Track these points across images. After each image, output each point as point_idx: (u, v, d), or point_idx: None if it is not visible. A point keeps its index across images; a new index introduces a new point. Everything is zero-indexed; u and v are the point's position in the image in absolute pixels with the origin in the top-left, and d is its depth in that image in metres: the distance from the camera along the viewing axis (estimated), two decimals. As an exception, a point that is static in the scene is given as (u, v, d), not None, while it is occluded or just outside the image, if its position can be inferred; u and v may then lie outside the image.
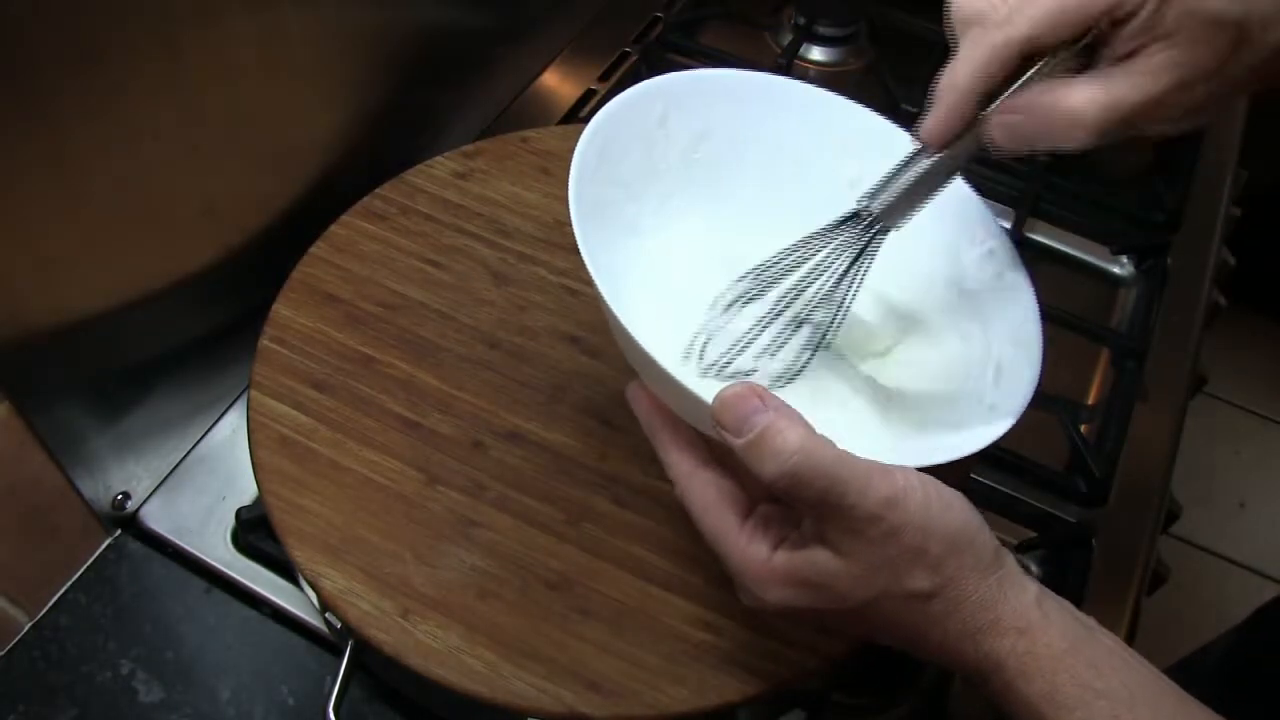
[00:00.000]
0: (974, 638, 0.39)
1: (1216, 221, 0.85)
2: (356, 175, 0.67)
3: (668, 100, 0.52)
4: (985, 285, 0.52)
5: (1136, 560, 0.64)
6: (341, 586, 0.50)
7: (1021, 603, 0.39)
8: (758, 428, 0.38)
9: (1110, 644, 0.40)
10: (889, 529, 0.37)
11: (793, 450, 0.37)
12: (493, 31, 0.80)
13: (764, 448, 0.37)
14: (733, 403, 0.38)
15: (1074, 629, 0.39)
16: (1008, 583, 0.39)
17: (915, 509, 0.37)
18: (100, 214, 0.51)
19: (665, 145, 0.53)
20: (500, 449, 0.56)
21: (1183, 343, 0.76)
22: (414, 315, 0.61)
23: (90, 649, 0.56)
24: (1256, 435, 1.68)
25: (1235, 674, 0.74)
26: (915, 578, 0.38)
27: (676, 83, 0.52)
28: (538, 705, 0.47)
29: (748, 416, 0.38)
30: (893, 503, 0.37)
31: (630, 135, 0.51)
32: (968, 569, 0.38)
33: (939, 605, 0.39)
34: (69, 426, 0.54)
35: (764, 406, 0.38)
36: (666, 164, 0.53)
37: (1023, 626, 0.38)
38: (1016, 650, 0.38)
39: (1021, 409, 0.45)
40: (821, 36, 0.93)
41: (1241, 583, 1.50)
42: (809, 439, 0.37)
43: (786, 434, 0.37)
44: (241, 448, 0.61)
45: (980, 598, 0.38)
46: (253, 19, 0.56)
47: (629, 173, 0.51)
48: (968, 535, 0.39)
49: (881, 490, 0.37)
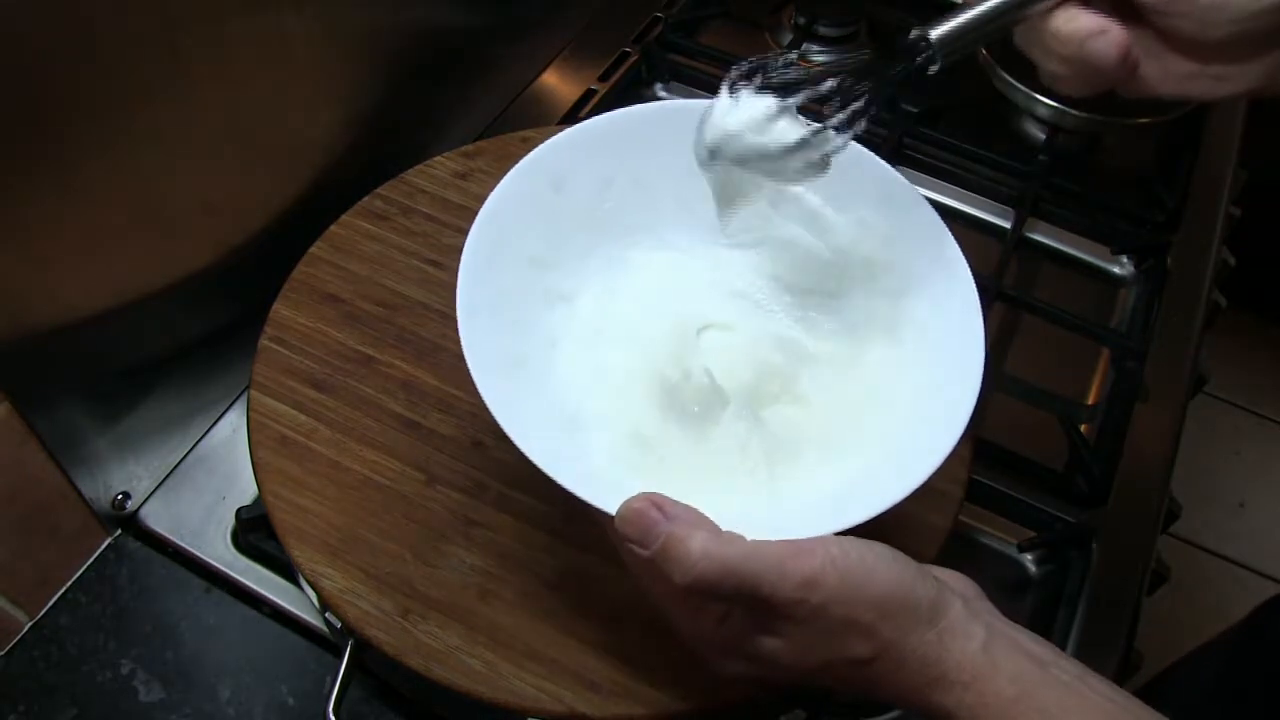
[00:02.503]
0: (921, 692, 0.39)
1: (1216, 221, 0.85)
2: (356, 175, 0.67)
3: (556, 166, 0.51)
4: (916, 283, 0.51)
5: (1136, 560, 0.64)
6: (341, 586, 0.50)
7: (966, 653, 0.39)
8: (659, 539, 0.38)
9: (1067, 679, 0.39)
10: (812, 610, 0.38)
11: (696, 558, 0.37)
12: (493, 31, 0.80)
13: (669, 558, 0.38)
14: (633, 518, 0.39)
15: (1026, 672, 0.39)
16: (949, 635, 0.39)
17: (834, 584, 0.38)
18: (100, 214, 0.51)
19: (567, 207, 0.52)
20: (500, 449, 0.56)
21: (1183, 343, 0.76)
22: (414, 315, 0.61)
23: (90, 649, 0.56)
24: (1256, 435, 1.68)
25: (1233, 674, 0.74)
26: (853, 646, 0.38)
27: (561, 145, 0.52)
28: (538, 705, 0.47)
29: (648, 530, 0.39)
30: (810, 584, 0.37)
31: (526, 213, 0.50)
32: (904, 630, 0.38)
33: (882, 666, 0.39)
34: (69, 426, 0.54)
35: (664, 518, 0.39)
36: (574, 224, 0.52)
37: (968, 680, 0.38)
38: (965, 702, 0.38)
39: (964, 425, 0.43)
40: (821, 36, 0.93)
41: (1241, 583, 1.50)
42: (711, 543, 0.38)
43: (688, 543, 0.38)
44: (241, 448, 0.61)
45: (921, 655, 0.38)
46: (253, 19, 0.56)
47: (534, 248, 0.51)
48: (898, 597, 0.38)
49: (797, 574, 0.37)
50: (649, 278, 0.54)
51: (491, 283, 0.48)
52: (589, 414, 0.49)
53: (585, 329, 0.52)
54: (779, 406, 0.51)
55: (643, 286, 0.54)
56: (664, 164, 0.53)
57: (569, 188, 0.52)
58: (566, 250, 0.52)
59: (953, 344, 0.47)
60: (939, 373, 0.47)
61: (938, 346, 0.49)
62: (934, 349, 0.49)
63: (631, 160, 0.53)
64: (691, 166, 0.51)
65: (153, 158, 0.53)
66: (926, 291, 0.50)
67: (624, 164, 0.53)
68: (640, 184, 0.54)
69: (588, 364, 0.51)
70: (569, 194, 0.52)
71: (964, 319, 0.48)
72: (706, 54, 0.89)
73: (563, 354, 0.51)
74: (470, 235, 0.48)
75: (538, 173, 0.51)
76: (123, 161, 0.51)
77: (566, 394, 0.49)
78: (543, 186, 0.51)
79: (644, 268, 0.54)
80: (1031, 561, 0.65)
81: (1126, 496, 0.66)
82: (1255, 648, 0.73)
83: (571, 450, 0.45)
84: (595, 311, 0.53)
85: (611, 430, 0.48)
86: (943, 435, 0.43)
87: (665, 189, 0.54)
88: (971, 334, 0.47)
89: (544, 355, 0.50)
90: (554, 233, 0.52)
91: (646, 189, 0.54)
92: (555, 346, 0.51)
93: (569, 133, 0.52)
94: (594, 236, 0.53)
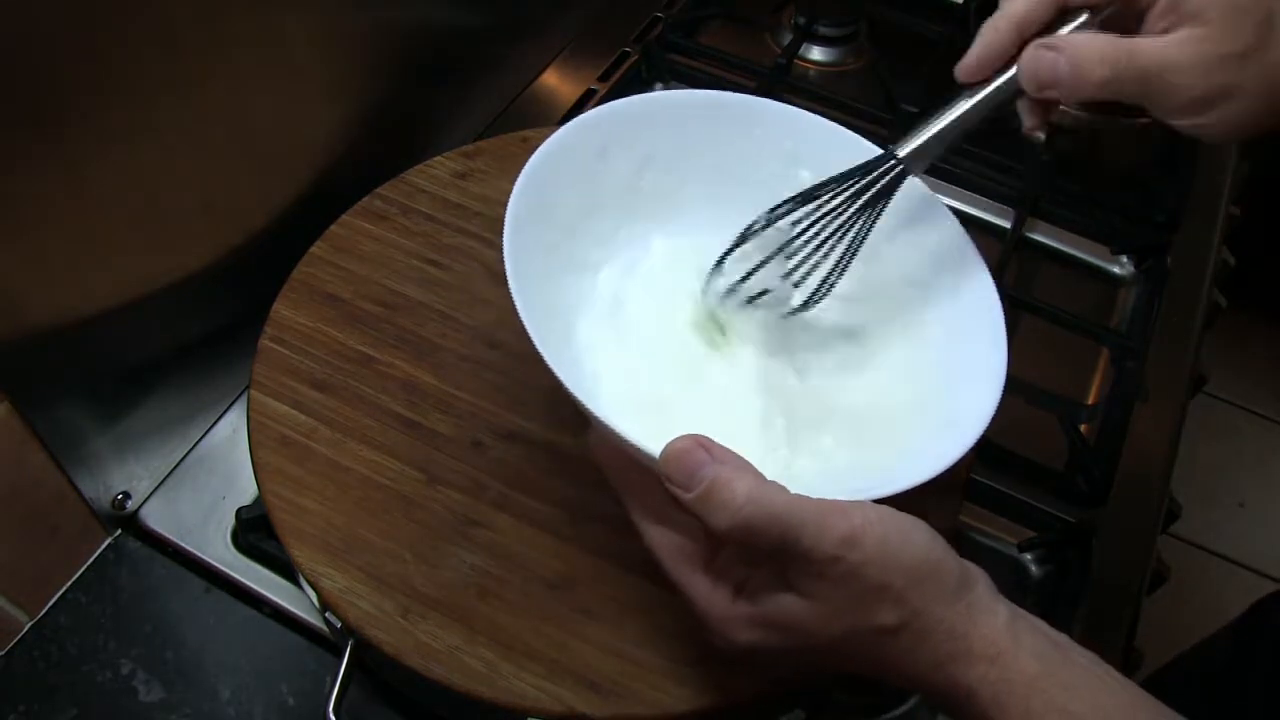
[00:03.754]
0: (944, 667, 0.38)
1: (1216, 221, 0.85)
2: (356, 175, 0.67)
3: (606, 132, 0.52)
4: (940, 286, 0.51)
5: (1136, 560, 0.64)
6: (341, 586, 0.50)
7: (992, 628, 0.38)
8: (705, 481, 0.37)
9: (1085, 663, 0.39)
10: (849, 568, 0.37)
11: (742, 501, 0.37)
12: (493, 31, 0.80)
13: (713, 500, 0.37)
14: (678, 457, 0.38)
15: (1047, 651, 0.39)
16: (976, 609, 0.39)
17: (873, 545, 0.37)
18: (100, 214, 0.51)
19: (607, 177, 0.52)
20: (500, 449, 0.56)
21: (1183, 343, 0.76)
22: (414, 315, 0.61)
23: (90, 649, 0.56)
24: (1256, 435, 1.68)
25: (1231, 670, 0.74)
26: (881, 613, 0.38)
27: (614, 112, 0.52)
28: (538, 705, 0.47)
29: (695, 471, 0.38)
30: (850, 542, 0.37)
31: (569, 174, 0.50)
32: (933, 599, 0.38)
33: (907, 637, 0.38)
34: (69, 426, 0.54)
35: (710, 459, 0.38)
36: (610, 195, 0.53)
37: (993, 654, 0.38)
38: (988, 678, 0.38)
39: (985, 423, 0.44)
40: (821, 36, 0.93)
41: (1241, 582, 1.50)
42: (758, 488, 0.37)
43: (734, 485, 0.37)
44: (241, 448, 0.61)
45: (949, 627, 0.38)
46: (253, 19, 0.56)
47: (572, 210, 0.51)
48: (930, 565, 0.38)
49: (837, 531, 0.37)
50: (671, 260, 0.54)
51: (534, 230, 0.47)
52: (605, 379, 0.49)
53: (604, 300, 0.52)
54: (801, 392, 0.51)
55: (664, 268, 0.54)
56: (700, 152, 0.54)
57: (611, 157, 0.52)
58: (597, 221, 0.53)
59: (974, 349, 0.48)
60: (958, 374, 0.48)
61: (959, 350, 0.49)
62: (955, 352, 0.49)
63: (673, 142, 0.54)
64: (722, 161, 0.54)
65: (153, 158, 0.53)
66: (948, 295, 0.51)
67: (666, 144, 0.54)
68: (674, 169, 0.54)
69: (606, 333, 0.51)
70: (610, 164, 0.52)
71: (987, 322, 0.48)
72: (706, 54, 0.89)
73: (583, 319, 0.51)
74: (521, 178, 0.48)
75: (591, 132, 0.51)
76: (123, 161, 0.51)
77: (584, 358, 0.50)
78: (591, 149, 0.52)
79: (667, 252, 0.55)
80: (1031, 561, 0.65)
81: (1126, 496, 0.66)
82: (1252, 644, 0.73)
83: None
84: (616, 287, 0.53)
85: (627, 399, 0.48)
86: (959, 436, 0.43)
87: (698, 177, 0.55)
88: (994, 339, 0.47)
89: (565, 319, 0.50)
90: (590, 200, 0.52)
91: (680, 174, 0.55)
92: (577, 311, 0.51)
93: (622, 102, 0.53)
94: (625, 212, 0.54)
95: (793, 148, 0.55)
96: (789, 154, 0.55)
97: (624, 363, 0.50)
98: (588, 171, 0.51)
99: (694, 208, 0.55)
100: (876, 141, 0.52)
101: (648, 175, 0.54)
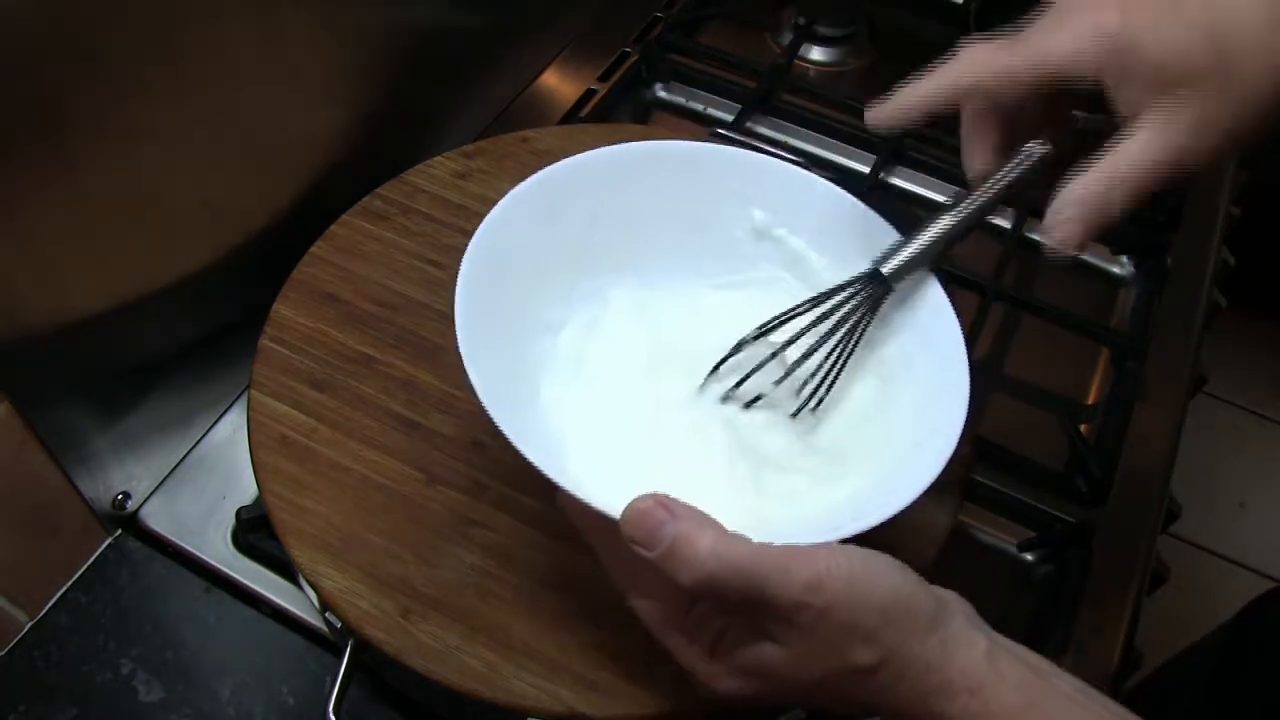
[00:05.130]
0: (925, 701, 0.38)
1: (1216, 221, 0.85)
2: (356, 175, 0.67)
3: (550, 197, 0.52)
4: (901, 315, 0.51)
5: (1136, 560, 0.64)
6: (341, 586, 0.50)
7: (970, 660, 0.38)
8: (667, 540, 0.38)
9: (1068, 689, 0.39)
10: (816, 613, 0.37)
11: (704, 557, 0.37)
12: (493, 31, 0.80)
13: (676, 558, 0.37)
14: (639, 519, 0.38)
15: (1028, 681, 0.39)
16: (952, 643, 0.38)
17: (840, 588, 0.37)
18: (100, 214, 0.51)
19: (558, 238, 0.52)
20: (500, 449, 0.55)
21: (1183, 343, 0.76)
22: (414, 315, 0.61)
23: (90, 649, 0.56)
24: (1256, 435, 1.68)
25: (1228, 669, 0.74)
26: (856, 654, 0.38)
27: (556, 174, 0.52)
28: (537, 705, 0.47)
29: (655, 530, 0.38)
30: (815, 587, 0.37)
31: (518, 241, 0.50)
32: (907, 635, 0.38)
33: (885, 675, 0.38)
34: (69, 426, 0.54)
35: (670, 517, 0.38)
36: (564, 255, 0.53)
37: (974, 686, 0.38)
38: (969, 710, 0.38)
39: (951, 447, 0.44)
40: (821, 36, 0.93)
41: (1241, 583, 1.50)
42: (720, 541, 0.37)
43: (696, 542, 0.37)
44: (241, 448, 0.61)
45: (926, 662, 0.38)
46: (253, 19, 0.56)
47: (526, 274, 0.51)
48: (900, 602, 0.38)
49: (801, 577, 0.37)
50: (631, 314, 0.55)
51: (489, 301, 0.48)
52: (570, 437, 0.49)
53: (567, 359, 0.52)
54: (764, 431, 0.51)
55: (624, 322, 0.54)
56: (649, 202, 0.54)
57: (559, 218, 0.52)
58: (553, 281, 0.53)
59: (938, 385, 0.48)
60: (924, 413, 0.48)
61: (923, 389, 0.49)
62: (920, 391, 0.49)
63: (618, 196, 0.54)
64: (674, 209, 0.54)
65: (153, 158, 0.53)
66: (911, 331, 0.51)
67: (610, 199, 0.54)
68: (624, 221, 0.54)
69: (570, 391, 0.51)
70: (559, 225, 0.52)
71: (949, 356, 0.48)
72: (706, 54, 0.89)
73: (546, 379, 0.51)
74: (472, 243, 0.48)
75: (536, 194, 0.51)
76: (123, 161, 0.51)
77: (550, 416, 0.50)
78: (539, 211, 0.52)
79: (627, 304, 0.55)
80: (1032, 562, 0.65)
81: (1126, 496, 0.66)
82: (1249, 643, 0.73)
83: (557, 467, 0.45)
84: (577, 344, 0.53)
85: (595, 456, 0.48)
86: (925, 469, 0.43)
87: (649, 227, 0.55)
88: (957, 374, 0.47)
89: (530, 381, 0.50)
90: (544, 260, 0.52)
91: (631, 226, 0.54)
92: (540, 371, 0.51)
93: (563, 164, 0.52)
94: (579, 270, 0.54)
95: (741, 189, 0.55)
96: (739, 195, 0.55)
97: (589, 420, 0.50)
98: (536, 236, 0.51)
99: (650, 256, 0.55)
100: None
101: (598, 231, 0.54)
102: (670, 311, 0.55)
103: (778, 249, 0.55)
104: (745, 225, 0.55)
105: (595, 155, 0.53)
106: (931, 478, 0.43)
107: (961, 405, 0.45)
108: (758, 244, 0.55)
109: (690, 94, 0.89)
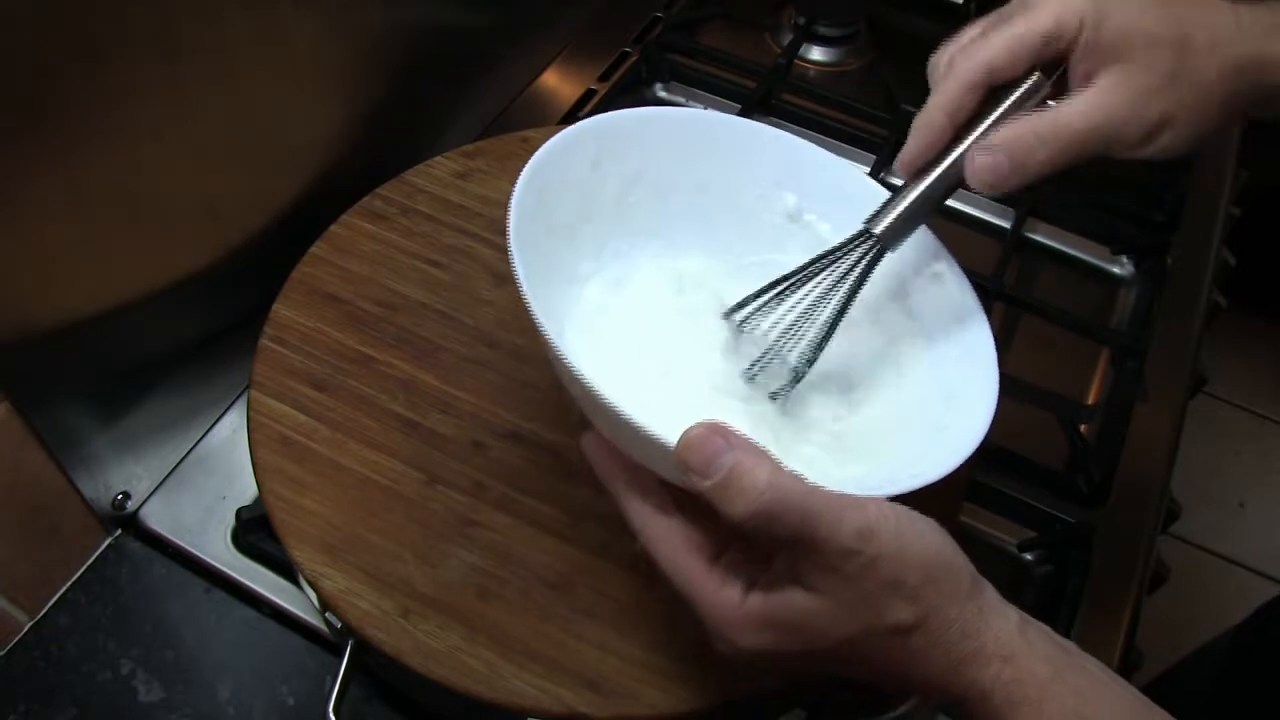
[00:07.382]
0: (957, 669, 0.38)
1: (1216, 221, 0.85)
2: (356, 175, 0.67)
3: (599, 142, 0.51)
4: (933, 310, 0.51)
5: (1136, 560, 0.64)
6: (341, 586, 0.50)
7: (1004, 630, 0.38)
8: (725, 468, 0.36)
9: (1093, 669, 0.39)
10: (865, 562, 0.36)
11: (762, 487, 0.36)
12: (493, 31, 0.80)
13: (732, 487, 0.36)
14: (697, 444, 0.37)
15: (1058, 655, 0.39)
16: (989, 610, 0.38)
17: (889, 539, 0.36)
18: (100, 214, 0.51)
19: (598, 189, 0.52)
20: (500, 449, 0.56)
21: (1183, 343, 0.76)
22: (414, 315, 0.61)
23: (90, 649, 0.56)
24: (1256, 435, 1.68)
25: (1235, 675, 0.74)
26: (895, 610, 0.37)
27: (606, 124, 0.52)
28: (538, 705, 0.47)
29: (714, 457, 0.36)
30: (866, 535, 0.36)
31: (565, 180, 0.50)
32: (947, 597, 0.38)
33: (921, 638, 0.38)
34: (69, 426, 0.54)
35: (729, 445, 0.37)
36: (600, 209, 0.53)
37: (1007, 654, 0.38)
38: (1002, 679, 0.37)
39: (982, 432, 0.44)
40: (821, 36, 0.93)
41: (1241, 583, 1.50)
42: (778, 475, 0.36)
43: (755, 471, 0.36)
44: (241, 448, 0.61)
45: (962, 626, 0.38)
46: (253, 19, 0.56)
47: (565, 219, 0.51)
48: (943, 562, 0.38)
49: (854, 522, 0.36)
50: (656, 278, 0.55)
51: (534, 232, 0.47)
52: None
53: (589, 311, 0.52)
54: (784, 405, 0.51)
55: (648, 285, 0.54)
56: (687, 172, 0.54)
57: (604, 169, 0.52)
58: (588, 232, 0.53)
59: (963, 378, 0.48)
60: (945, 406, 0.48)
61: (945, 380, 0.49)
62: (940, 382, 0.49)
63: (661, 160, 0.54)
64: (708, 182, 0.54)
65: (153, 157, 0.53)
66: (933, 320, 0.51)
67: (654, 162, 0.54)
68: (661, 187, 0.54)
69: (586, 343, 0.51)
70: (603, 175, 0.52)
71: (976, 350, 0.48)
72: (706, 54, 0.89)
73: (570, 326, 0.51)
74: (522, 177, 0.47)
75: (586, 140, 0.51)
76: (123, 161, 0.51)
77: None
78: (586, 158, 0.51)
79: (653, 269, 0.55)
80: (1031, 562, 0.65)
81: (1126, 496, 0.67)
82: (1256, 649, 0.73)
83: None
84: (601, 298, 0.53)
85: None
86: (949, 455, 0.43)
87: (683, 198, 0.55)
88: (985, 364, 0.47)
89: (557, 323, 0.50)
90: (582, 209, 0.52)
91: (666, 194, 0.54)
92: (565, 318, 0.51)
93: (615, 115, 0.53)
94: (613, 227, 0.54)
95: (778, 171, 0.55)
96: (774, 177, 0.55)
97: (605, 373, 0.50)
98: (581, 180, 0.51)
99: (681, 227, 0.55)
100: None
101: (635, 192, 0.54)
102: (693, 282, 0.55)
103: (806, 233, 0.55)
104: (777, 207, 0.55)
105: (646, 114, 0.53)
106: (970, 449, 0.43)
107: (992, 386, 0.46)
108: (788, 227, 0.55)
109: (690, 94, 0.89)
